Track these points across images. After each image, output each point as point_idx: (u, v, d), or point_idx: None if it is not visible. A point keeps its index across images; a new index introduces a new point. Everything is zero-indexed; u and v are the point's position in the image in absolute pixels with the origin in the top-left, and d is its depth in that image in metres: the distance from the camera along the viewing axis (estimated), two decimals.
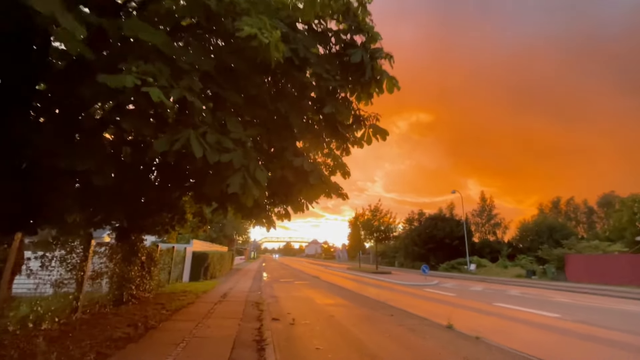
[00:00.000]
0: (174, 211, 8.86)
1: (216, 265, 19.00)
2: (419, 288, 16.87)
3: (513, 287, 18.36)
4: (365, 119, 5.30)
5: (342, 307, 9.49)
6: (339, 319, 7.76)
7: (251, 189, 3.43)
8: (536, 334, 6.85)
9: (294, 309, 9.03)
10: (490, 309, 9.94)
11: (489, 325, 7.55)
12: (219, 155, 3.41)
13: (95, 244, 6.75)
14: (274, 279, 20.97)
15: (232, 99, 3.83)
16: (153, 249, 10.03)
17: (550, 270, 27.25)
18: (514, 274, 31.01)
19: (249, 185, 3.43)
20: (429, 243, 46.74)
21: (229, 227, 31.12)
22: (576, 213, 67.60)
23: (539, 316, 8.81)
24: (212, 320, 7.01)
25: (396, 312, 8.65)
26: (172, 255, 13.44)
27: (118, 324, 5.85)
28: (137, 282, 8.65)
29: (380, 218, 31.66)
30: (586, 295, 14.63)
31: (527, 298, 13.10)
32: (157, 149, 3.08)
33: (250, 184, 3.43)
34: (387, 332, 6.47)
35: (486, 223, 56.70)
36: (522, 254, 41.98)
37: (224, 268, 22.26)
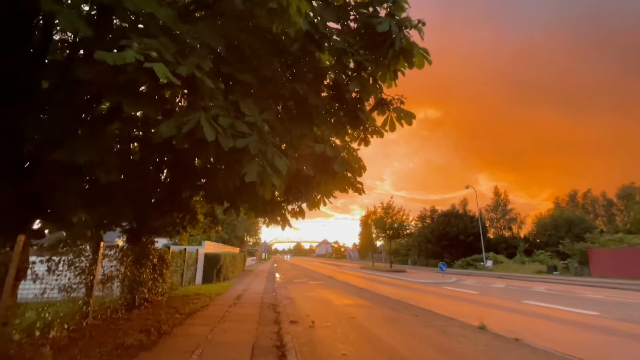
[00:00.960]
0: (185, 211, 8.55)
1: (228, 267, 18.75)
2: (437, 286, 16.28)
3: (536, 284, 17.60)
4: (388, 102, 4.85)
5: (362, 308, 9.04)
6: (361, 320, 7.31)
7: (270, 177, 3.03)
8: (579, 334, 6.28)
9: (311, 311, 8.61)
10: (520, 307, 9.35)
11: (524, 325, 7.00)
12: (233, 141, 3.01)
13: (104, 246, 6.46)
14: (287, 279, 20.62)
15: (246, 80, 3.44)
16: (164, 251, 9.76)
17: (573, 266, 26.23)
18: (533, 270, 30.00)
19: (267, 173, 3.02)
20: (442, 240, 45.86)
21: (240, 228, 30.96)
22: (594, 206, 65.66)
23: (576, 314, 8.20)
24: (227, 324, 6.65)
25: (420, 312, 8.15)
26: (184, 257, 13.20)
27: (130, 330, 5.52)
28: (149, 285, 8.37)
29: (393, 215, 31.04)
30: (618, 291, 13.83)
31: (555, 295, 12.40)
32: (163, 133, 2.70)
33: (269, 171, 3.03)
34: (416, 334, 6.00)
35: (501, 218, 55.40)
36: (540, 249, 40.77)
37: (236, 269, 22.03)
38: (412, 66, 3.65)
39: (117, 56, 2.60)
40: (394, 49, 3.35)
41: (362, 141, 5.92)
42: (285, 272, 28.27)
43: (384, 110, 4.87)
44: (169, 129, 2.69)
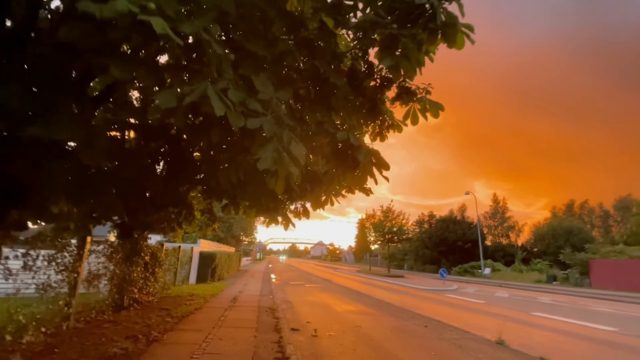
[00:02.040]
0: (181, 207, 7.99)
1: (224, 267, 18.17)
2: (440, 293, 15.80)
3: (540, 294, 17.18)
4: (413, 91, 4.36)
5: (366, 316, 8.52)
6: (367, 330, 6.80)
7: (287, 165, 2.52)
8: (605, 354, 5.81)
9: (312, 317, 8.09)
10: (532, 320, 8.88)
11: (543, 341, 6.52)
12: (244, 120, 2.50)
13: (92, 241, 5.91)
14: (284, 281, 20.06)
15: (259, 52, 2.94)
16: (158, 248, 9.20)
17: (574, 276, 25.89)
18: (532, 279, 29.66)
19: (284, 160, 2.51)
20: (440, 246, 45.50)
21: (237, 227, 30.34)
22: (591, 216, 65.70)
23: (594, 330, 7.73)
24: (223, 330, 6.11)
25: (429, 323, 7.65)
26: (178, 255, 12.62)
27: (116, 336, 4.97)
28: (140, 285, 7.80)
29: (393, 219, 30.57)
30: (625, 304, 13.42)
31: (563, 307, 11.96)
32: (161, 103, 2.19)
33: (285, 158, 2.52)
34: (430, 348, 5.49)
35: (499, 226, 55.12)
36: (538, 258, 40.53)
37: (231, 269, 21.44)
38: (453, 45, 3.18)
39: (106, 7, 2.09)
40: (434, 23, 2.88)
41: (378, 136, 5.43)
42: (281, 274, 27.68)
43: (408, 100, 4.38)
44: (168, 99, 2.18)
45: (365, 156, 3.06)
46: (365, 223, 34.28)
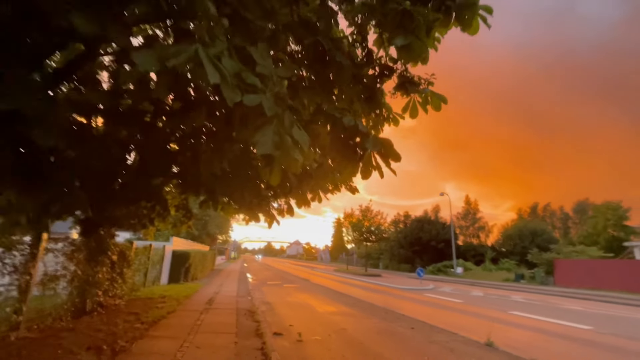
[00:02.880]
0: (155, 201, 7.32)
1: (198, 266, 17.32)
2: (418, 293, 15.89)
3: (512, 293, 17.76)
4: (415, 81, 4.09)
5: (349, 317, 8.24)
6: (353, 333, 6.51)
7: (290, 150, 2.14)
8: (591, 354, 5.86)
9: (295, 319, 7.70)
10: (512, 319, 8.99)
11: (528, 341, 6.53)
12: (240, 95, 2.09)
13: (48, 238, 5.19)
14: (261, 281, 19.47)
15: (257, 21, 2.53)
16: (126, 247, 8.44)
17: (539, 275, 27.15)
18: (501, 278, 30.82)
19: (286, 144, 2.13)
20: (414, 245, 46.38)
21: (212, 225, 29.24)
22: (552, 219, 69.65)
23: (572, 329, 7.90)
24: (200, 336, 5.58)
25: (415, 324, 7.49)
26: (149, 254, 11.77)
27: (74, 347, 4.34)
28: (106, 287, 7.07)
29: (371, 219, 30.70)
30: (590, 302, 14.10)
31: (536, 305, 12.33)
32: (140, 65, 1.73)
33: (288, 141, 2.14)
34: (421, 352, 5.29)
35: (470, 226, 57.10)
36: (505, 258, 42.36)
37: (205, 269, 20.55)
38: (467, 29, 2.93)
39: None
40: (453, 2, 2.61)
41: (373, 129, 5.14)
42: (257, 273, 26.98)
43: (411, 90, 4.10)
44: (148, 60, 1.73)
45: (374, 145, 2.72)
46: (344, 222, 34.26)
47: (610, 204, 39.18)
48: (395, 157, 2.77)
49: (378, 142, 2.78)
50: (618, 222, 37.97)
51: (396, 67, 4.39)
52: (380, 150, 2.85)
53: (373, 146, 2.75)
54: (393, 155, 2.77)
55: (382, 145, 2.75)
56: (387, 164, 2.99)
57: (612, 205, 38.84)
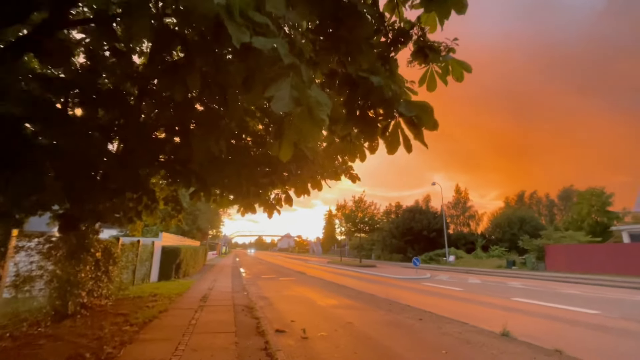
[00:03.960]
0: (141, 192, 6.71)
1: (189, 262, 16.73)
2: (416, 282, 15.73)
3: (507, 279, 17.81)
4: (436, 47, 3.63)
5: (353, 310, 7.89)
6: (361, 327, 6.14)
7: (315, 108, 1.67)
8: (611, 340, 5.65)
9: (296, 315, 7.29)
10: (517, 306, 8.80)
11: (541, 329, 6.29)
12: (248, 36, 1.59)
13: (19, 235, 4.59)
14: (255, 275, 19.02)
15: None
16: (112, 243, 7.83)
17: (531, 261, 27.54)
18: (493, 265, 31.22)
19: (309, 99, 1.65)
20: (407, 235, 46.62)
21: (203, 219, 28.48)
22: (539, 206, 71.20)
23: (580, 314, 7.75)
24: (196, 337, 5.11)
25: (422, 315, 7.18)
26: (137, 250, 11.15)
27: (53, 356, 3.81)
28: (90, 287, 6.49)
29: (364, 210, 30.48)
30: (588, 286, 14.18)
31: (537, 291, 12.27)
32: None
33: (311, 97, 1.67)
34: (435, 345, 4.95)
35: (460, 215, 57.80)
36: (495, 245, 43.08)
37: (197, 265, 19.95)
38: None
39: None
40: None
41: None
42: (250, 267, 26.50)
43: (433, 58, 3.63)
44: None
45: (408, 109, 2.26)
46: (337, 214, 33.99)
47: (594, 190, 40.05)
48: (433, 125, 2.31)
49: (414, 106, 2.32)
50: (601, 207, 38.87)
51: (412, 32, 3.92)
52: (411, 118, 2.39)
53: (408, 111, 2.28)
54: (430, 124, 2.31)
55: (421, 109, 2.29)
56: (417, 134, 2.54)
57: (596, 191, 39.71)
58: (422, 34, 3.90)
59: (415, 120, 2.37)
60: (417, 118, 2.36)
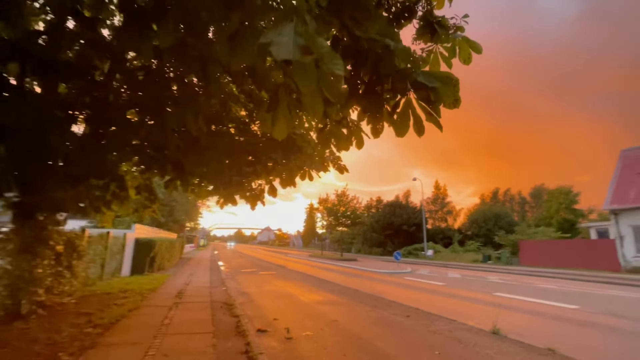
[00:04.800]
0: (109, 179, 6.05)
1: (165, 255, 15.95)
2: (398, 276, 15.73)
3: (485, 273, 18.20)
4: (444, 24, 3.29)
5: (338, 306, 7.61)
6: (347, 325, 5.86)
7: (327, 61, 1.28)
8: (595, 337, 5.65)
9: (279, 312, 6.93)
10: (500, 301, 8.83)
11: (528, 325, 6.25)
12: None
13: None
14: (234, 269, 18.46)
15: None
16: (76, 235, 7.13)
17: (505, 255, 28.43)
18: (470, 259, 32.06)
19: (317, 44, 1.26)
20: (387, 229, 47.12)
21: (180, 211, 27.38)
22: (512, 203, 73.97)
23: (561, 309, 7.83)
24: (169, 339, 4.64)
25: (409, 312, 7.00)
26: (106, 242, 10.38)
27: None
28: (49, 284, 5.83)
29: (347, 203, 30.37)
30: (562, 281, 14.64)
31: (515, 285, 12.51)
32: None
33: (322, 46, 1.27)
34: (426, 344, 4.73)
35: (439, 210, 59.08)
36: (471, 240, 44.39)
37: (173, 258, 19.12)
38: None
39: None
40: None
41: None
42: (229, 261, 25.85)
43: (441, 35, 3.29)
44: None
45: (429, 79, 1.91)
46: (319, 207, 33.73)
47: (563, 189, 41.82)
48: (454, 101, 1.97)
49: (434, 77, 1.96)
50: (569, 205, 40.68)
51: (418, 8, 3.56)
52: (428, 94, 2.03)
53: (429, 82, 1.92)
54: (451, 99, 1.96)
55: (442, 81, 1.93)
56: (430, 115, 2.19)
57: (564, 190, 41.48)
58: (429, 9, 3.55)
59: (433, 97, 2.02)
60: (435, 93, 2.00)
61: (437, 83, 1.90)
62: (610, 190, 21.86)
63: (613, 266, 19.72)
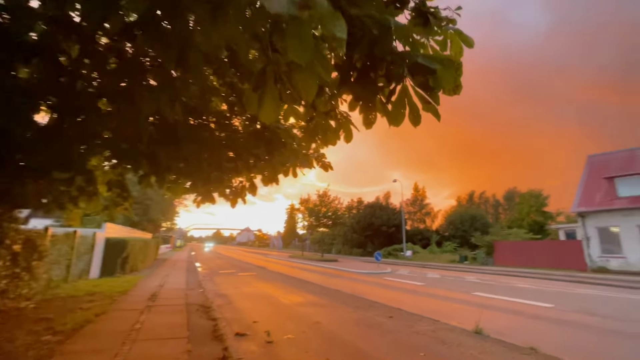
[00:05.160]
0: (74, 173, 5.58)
1: (138, 256, 15.22)
2: (379, 277, 15.76)
3: (463, 274, 18.60)
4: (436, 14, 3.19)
5: (320, 308, 7.43)
6: (330, 327, 5.69)
7: (328, 21, 1.10)
8: (572, 335, 5.77)
9: (258, 314, 6.67)
10: (480, 301, 8.96)
11: (508, 324, 6.32)
12: None
13: None
14: (212, 270, 17.90)
15: None
16: (37, 234, 6.57)
17: (481, 256, 29.28)
18: (447, 260, 32.81)
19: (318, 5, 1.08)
20: (367, 230, 47.51)
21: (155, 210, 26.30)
22: (486, 205, 76.71)
23: (538, 308, 8.02)
24: (139, 346, 4.30)
25: (392, 312, 6.93)
26: (73, 242, 9.71)
27: None
28: (3, 286, 5.30)
29: (328, 204, 30.28)
30: (535, 280, 15.14)
31: (493, 285, 12.80)
32: None
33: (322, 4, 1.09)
34: (410, 346, 4.64)
35: (417, 212, 60.23)
36: (448, 241, 45.58)
37: (147, 259, 18.30)
38: None
39: None
40: None
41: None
42: (207, 262, 25.11)
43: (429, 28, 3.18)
44: None
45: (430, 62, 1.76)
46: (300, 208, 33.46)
47: (533, 192, 43.68)
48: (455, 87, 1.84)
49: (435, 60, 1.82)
50: (539, 208, 42.53)
51: None
52: (426, 79, 1.90)
53: (430, 63, 1.78)
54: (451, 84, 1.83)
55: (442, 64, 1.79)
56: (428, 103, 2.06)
57: (535, 193, 43.35)
58: None
59: (432, 82, 1.89)
60: (435, 78, 1.87)
61: (437, 65, 1.77)
62: (578, 193, 22.96)
63: (580, 266, 20.69)
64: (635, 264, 18.49)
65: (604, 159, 24.25)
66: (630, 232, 19.11)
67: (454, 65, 1.78)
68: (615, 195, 20.41)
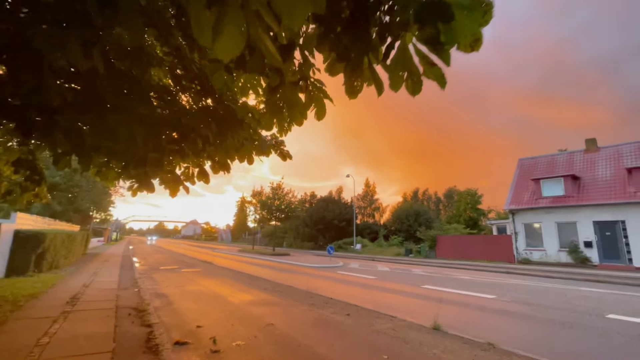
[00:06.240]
0: None
1: (60, 251, 13.14)
2: (331, 270, 15.64)
3: (409, 266, 19.36)
4: None
5: (272, 307, 6.90)
6: (285, 329, 5.21)
7: None
8: (514, 325, 6.02)
9: (204, 317, 5.94)
10: (430, 294, 9.17)
11: (460, 318, 6.43)
12: None
13: None
14: (151, 266, 16.28)
15: None
16: None
17: (425, 249, 31.06)
18: (393, 253, 34.27)
19: None
20: (319, 224, 47.82)
21: (85, 199, 23.16)
22: (429, 202, 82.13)
23: (482, 299, 8.40)
24: None
25: (348, 309, 6.67)
26: None
27: None
28: None
29: (282, 197, 29.57)
30: (473, 272, 16.25)
31: (438, 277, 13.38)
32: None
33: None
34: (372, 346, 4.36)
35: (367, 207, 62.23)
36: (394, 235, 47.81)
37: (72, 254, 16.00)
38: None
39: None
40: None
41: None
42: (146, 257, 22.94)
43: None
44: None
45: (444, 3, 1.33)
46: (252, 200, 32.19)
47: (469, 191, 47.59)
48: (474, 42, 1.45)
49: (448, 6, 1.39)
50: (474, 205, 46.47)
51: None
52: (436, 31, 1.48)
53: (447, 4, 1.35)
54: (469, 39, 1.44)
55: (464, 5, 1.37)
56: (433, 64, 1.66)
57: (471, 192, 47.26)
58: None
59: (443, 37, 1.47)
60: (449, 29, 1.46)
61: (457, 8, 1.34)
62: (510, 193, 25.32)
63: (509, 258, 22.89)
64: (552, 256, 20.96)
65: (532, 162, 27.00)
66: (549, 228, 21.56)
67: (481, 5, 1.36)
68: (540, 195, 22.82)
